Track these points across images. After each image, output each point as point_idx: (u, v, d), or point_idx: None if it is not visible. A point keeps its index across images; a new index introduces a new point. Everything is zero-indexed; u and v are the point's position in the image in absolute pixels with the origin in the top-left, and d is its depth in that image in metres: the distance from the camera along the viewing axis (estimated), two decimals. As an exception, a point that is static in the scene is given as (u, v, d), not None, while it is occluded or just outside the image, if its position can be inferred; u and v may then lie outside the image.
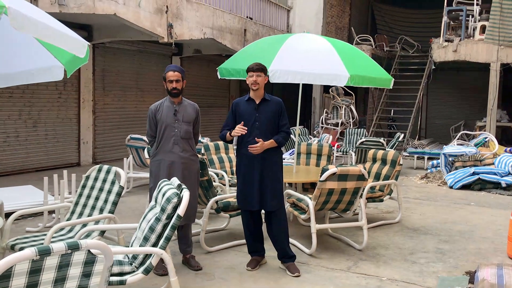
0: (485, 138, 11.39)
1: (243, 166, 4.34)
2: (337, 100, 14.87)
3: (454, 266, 4.66)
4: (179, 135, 4.32)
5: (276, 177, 4.33)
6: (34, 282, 2.01)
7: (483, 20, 13.10)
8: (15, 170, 9.26)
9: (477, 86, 16.38)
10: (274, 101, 4.38)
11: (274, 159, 4.35)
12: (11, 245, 3.73)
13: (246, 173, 4.31)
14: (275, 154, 4.37)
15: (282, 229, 4.36)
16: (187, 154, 4.34)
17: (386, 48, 16.80)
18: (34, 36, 3.19)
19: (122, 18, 8.96)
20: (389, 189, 6.18)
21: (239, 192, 4.39)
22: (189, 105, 4.46)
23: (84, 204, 4.22)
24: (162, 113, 4.34)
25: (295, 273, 4.27)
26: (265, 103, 4.34)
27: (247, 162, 4.30)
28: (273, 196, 4.29)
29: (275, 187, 4.31)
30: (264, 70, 4.34)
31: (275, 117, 4.34)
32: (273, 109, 4.34)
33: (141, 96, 12.29)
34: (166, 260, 3.09)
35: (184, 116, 4.36)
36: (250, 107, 4.34)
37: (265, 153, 4.25)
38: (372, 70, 6.00)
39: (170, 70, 4.33)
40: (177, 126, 4.32)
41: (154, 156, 4.39)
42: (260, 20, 14.29)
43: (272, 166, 4.31)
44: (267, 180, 4.27)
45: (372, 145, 9.41)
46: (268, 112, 4.31)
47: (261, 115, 4.30)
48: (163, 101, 4.42)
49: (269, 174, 4.28)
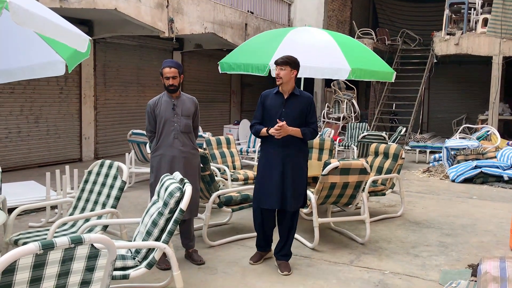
0: (487, 132, 11.37)
1: (263, 162, 4.18)
2: (339, 94, 14.84)
3: (456, 259, 4.66)
4: (179, 129, 4.29)
5: (298, 177, 4.14)
6: (38, 276, 2.02)
7: (485, 13, 13.04)
8: (17, 165, 9.27)
9: (479, 79, 16.32)
10: (304, 96, 4.18)
11: (298, 159, 4.16)
12: (14, 240, 3.74)
13: (266, 170, 4.14)
14: (300, 154, 4.18)
15: (292, 229, 4.28)
16: (187, 148, 4.33)
17: (388, 42, 16.74)
18: (35, 31, 3.19)
19: (123, 13, 8.93)
20: (391, 183, 6.18)
21: (256, 189, 4.24)
22: (187, 99, 4.43)
23: (86, 199, 4.23)
24: (160, 108, 4.31)
25: (284, 271, 4.16)
26: (294, 98, 4.15)
27: (269, 159, 4.14)
28: (295, 197, 4.12)
29: (296, 188, 4.13)
30: (290, 63, 4.09)
31: (303, 113, 4.14)
32: (301, 105, 4.14)
33: (142, 91, 12.28)
34: (169, 254, 3.10)
35: (183, 110, 4.33)
36: (278, 101, 4.16)
37: (288, 151, 4.09)
38: (374, 64, 5.99)
39: (166, 66, 4.27)
40: (177, 120, 4.29)
41: (155, 151, 4.36)
42: (261, 14, 14.25)
43: (295, 166, 4.12)
44: (288, 181, 4.08)
45: (374, 139, 9.40)
46: (296, 108, 4.12)
47: (288, 110, 4.11)
48: (161, 96, 4.39)
49: (291, 174, 4.09)
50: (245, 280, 4.04)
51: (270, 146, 4.15)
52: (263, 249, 4.46)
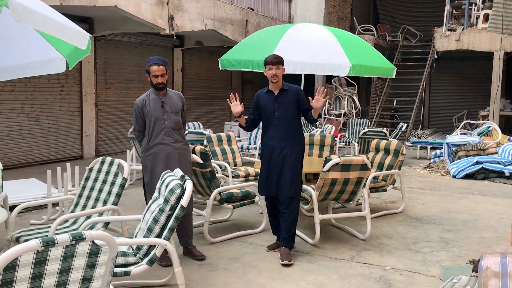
0: (488, 127, 11.36)
1: (264, 156, 4.47)
2: (340, 90, 14.82)
3: (457, 255, 4.66)
4: (169, 127, 4.29)
5: (295, 165, 4.39)
6: (39, 273, 2.02)
7: (486, 8, 13.00)
8: (18, 163, 9.29)
9: (480, 75, 16.30)
10: (292, 89, 4.45)
11: (295, 149, 4.40)
12: (16, 238, 3.75)
13: (267, 162, 4.42)
14: (296, 145, 4.42)
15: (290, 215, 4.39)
16: (179, 144, 4.34)
17: (389, 38, 16.71)
18: (35, 28, 3.18)
19: (123, 10, 8.93)
20: (392, 179, 6.18)
21: (260, 179, 4.54)
22: (174, 95, 4.42)
23: (87, 196, 4.24)
24: (149, 106, 4.28)
25: (284, 260, 4.29)
26: (284, 93, 4.42)
27: (268, 152, 4.41)
28: (292, 183, 4.35)
29: (294, 174, 4.36)
30: (282, 62, 4.40)
31: (295, 105, 4.42)
32: (291, 98, 4.42)
33: (143, 88, 12.26)
34: (170, 251, 3.10)
35: (172, 107, 4.32)
36: (269, 98, 4.43)
37: (285, 143, 4.35)
38: (374, 60, 5.97)
39: (154, 64, 4.24)
40: (167, 117, 4.28)
41: (147, 150, 4.31)
42: (262, 11, 14.22)
43: (292, 156, 4.36)
44: (286, 170, 4.33)
45: (375, 136, 9.39)
46: (287, 102, 4.40)
47: (280, 106, 4.38)
48: (148, 94, 4.36)
49: (288, 164, 4.34)
50: (247, 277, 4.05)
51: (268, 140, 4.44)
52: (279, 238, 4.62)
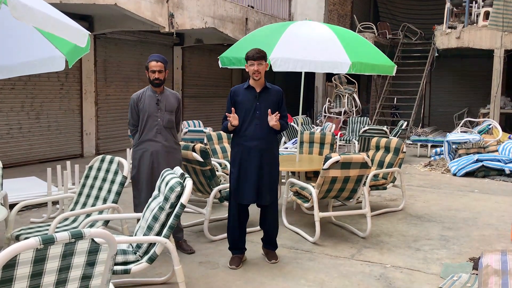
0: (488, 125, 11.35)
1: (239, 158, 4.13)
2: (340, 88, 14.81)
3: (458, 253, 4.66)
4: (161, 125, 4.33)
5: (274, 170, 4.23)
6: (38, 271, 2.02)
7: (486, 6, 12.98)
8: (18, 161, 9.28)
9: (481, 73, 16.28)
10: (274, 90, 4.23)
11: (273, 152, 4.24)
12: (16, 236, 3.76)
13: (243, 165, 4.11)
14: (274, 147, 4.28)
15: (275, 221, 4.34)
16: (170, 143, 4.38)
17: (389, 36, 16.70)
18: (35, 26, 3.17)
19: (123, 8, 8.91)
20: (392, 177, 6.17)
21: (233, 185, 4.17)
22: (171, 94, 4.47)
23: (87, 194, 4.24)
24: (144, 102, 4.34)
25: (271, 260, 4.29)
26: (266, 92, 4.18)
27: (245, 154, 4.11)
28: (271, 190, 4.19)
29: (272, 181, 4.21)
30: (265, 57, 4.11)
31: (275, 106, 4.18)
32: (273, 98, 4.19)
33: (143, 86, 12.12)
34: (170, 248, 3.10)
35: (167, 106, 4.37)
36: (250, 95, 4.15)
37: (265, 144, 4.13)
38: (374, 57, 5.95)
39: (153, 60, 4.31)
40: (160, 115, 4.33)
41: (137, 145, 4.40)
42: (262, 9, 14.20)
43: (271, 159, 4.19)
44: (266, 174, 4.13)
45: (375, 133, 9.38)
46: (269, 101, 4.15)
47: (261, 104, 4.13)
48: (145, 91, 4.42)
49: (267, 168, 4.15)
50: (247, 275, 4.05)
51: (245, 140, 4.13)
52: (240, 251, 4.28)
